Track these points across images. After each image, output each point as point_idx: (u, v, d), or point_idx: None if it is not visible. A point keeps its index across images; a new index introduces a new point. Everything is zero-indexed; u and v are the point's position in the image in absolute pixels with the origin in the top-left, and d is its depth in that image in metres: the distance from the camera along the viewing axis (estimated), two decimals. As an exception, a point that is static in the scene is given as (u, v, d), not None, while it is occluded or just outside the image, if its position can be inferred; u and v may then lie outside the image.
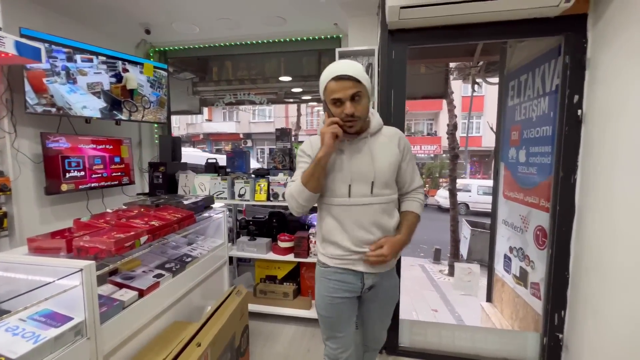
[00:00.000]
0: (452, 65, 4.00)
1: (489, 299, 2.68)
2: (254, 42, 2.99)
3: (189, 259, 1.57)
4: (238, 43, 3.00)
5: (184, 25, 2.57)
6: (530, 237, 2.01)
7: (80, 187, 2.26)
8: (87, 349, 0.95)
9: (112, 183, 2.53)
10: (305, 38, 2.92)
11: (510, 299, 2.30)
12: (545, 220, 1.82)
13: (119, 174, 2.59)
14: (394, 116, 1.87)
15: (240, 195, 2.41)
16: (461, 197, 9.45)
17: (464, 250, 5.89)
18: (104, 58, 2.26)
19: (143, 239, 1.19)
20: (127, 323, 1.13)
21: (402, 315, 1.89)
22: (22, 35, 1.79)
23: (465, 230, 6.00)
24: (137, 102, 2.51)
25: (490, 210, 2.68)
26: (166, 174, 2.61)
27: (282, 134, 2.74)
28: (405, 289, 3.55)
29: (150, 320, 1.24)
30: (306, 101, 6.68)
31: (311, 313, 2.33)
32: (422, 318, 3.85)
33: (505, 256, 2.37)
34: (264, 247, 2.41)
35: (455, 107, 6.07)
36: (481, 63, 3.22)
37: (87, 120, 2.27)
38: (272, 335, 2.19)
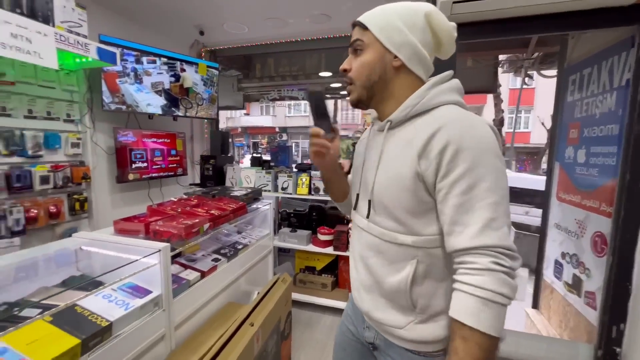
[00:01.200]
0: (502, 57, 3.78)
1: (535, 305, 2.56)
2: (297, 39, 3.07)
3: (241, 247, 1.71)
4: (282, 41, 3.10)
5: (234, 26, 2.71)
6: (587, 243, 1.88)
7: (143, 176, 2.51)
8: (163, 319, 1.10)
9: (169, 174, 2.78)
10: (345, 35, 2.93)
11: (560, 307, 2.18)
12: (605, 225, 1.69)
13: (175, 165, 2.84)
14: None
15: (283, 189, 2.53)
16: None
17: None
18: (165, 59, 2.47)
19: (206, 226, 1.32)
20: (192, 299, 1.27)
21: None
22: (100, 41, 2.02)
23: (511, 233, 5.68)
24: (192, 99, 2.72)
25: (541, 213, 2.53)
26: (216, 166, 2.81)
27: (324, 129, 2.80)
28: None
29: (210, 298, 1.38)
30: (344, 96, 6.68)
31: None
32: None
33: (557, 262, 2.24)
34: (304, 238, 2.51)
35: (502, 101, 5.71)
36: (536, 55, 3.01)
37: (150, 116, 2.50)
38: (311, 322, 2.30)
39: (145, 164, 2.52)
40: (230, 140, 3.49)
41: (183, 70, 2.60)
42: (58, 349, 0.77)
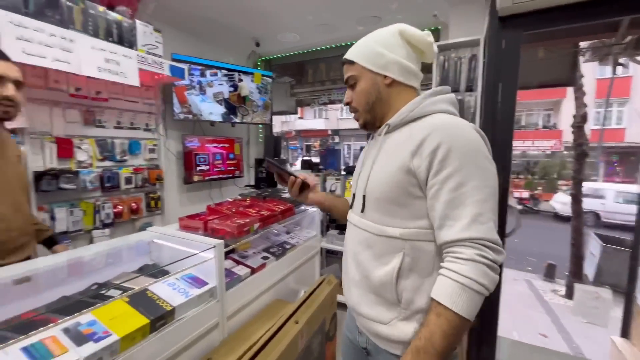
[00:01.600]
0: (583, 44, 3.29)
1: (624, 333, 2.17)
2: (348, 43, 3.09)
3: (289, 246, 1.78)
4: (332, 46, 3.15)
5: (286, 35, 2.85)
6: (696, 264, 1.54)
7: (205, 178, 2.78)
8: (217, 309, 1.21)
9: (228, 176, 3.03)
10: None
11: (659, 338, 1.81)
12: None
13: (233, 168, 3.08)
14: (501, 113, 1.70)
15: (331, 191, 2.56)
16: (589, 204, 7.66)
17: (590, 270, 4.82)
18: (225, 71, 2.71)
19: (256, 225, 1.41)
20: (242, 294, 1.37)
21: (501, 332, 1.72)
22: (173, 59, 2.30)
23: (594, 246, 4.89)
24: (248, 106, 2.93)
25: (634, 224, 2.14)
26: (269, 169, 2.97)
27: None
28: (505, 304, 3.16)
29: (258, 294, 1.47)
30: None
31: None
32: (525, 341, 3.36)
33: (654, 284, 1.88)
34: (351, 241, 2.51)
35: (584, 94, 4.95)
36: (629, 39, 2.56)
37: (212, 123, 2.76)
38: (357, 327, 2.28)
39: (207, 167, 2.79)
40: (284, 143, 3.65)
41: (240, 80, 2.82)
42: (132, 325, 0.91)
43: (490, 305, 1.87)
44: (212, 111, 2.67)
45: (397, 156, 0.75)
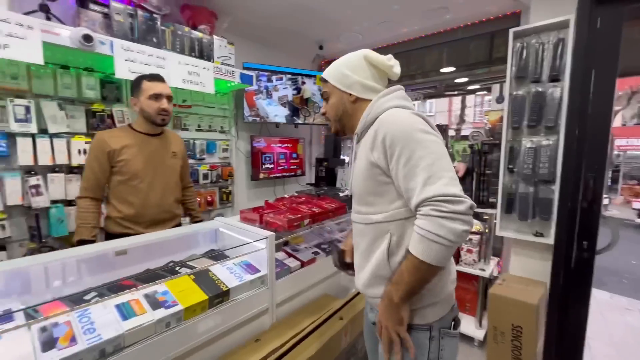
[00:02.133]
0: None
1: None
2: (413, 38, 2.96)
3: (340, 244, 1.81)
4: (396, 42, 3.06)
5: (349, 36, 2.88)
6: None
7: (270, 176, 3.00)
8: (266, 296, 1.31)
9: (290, 174, 3.21)
10: (471, 23, 2.63)
11: None
12: None
13: (295, 167, 3.25)
14: (592, 104, 1.44)
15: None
16: None
17: None
18: (289, 75, 2.88)
19: (306, 221, 1.49)
20: (292, 284, 1.46)
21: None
22: (243, 68, 2.55)
23: None
24: (310, 108, 3.05)
25: None
26: (328, 168, 3.05)
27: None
28: (611, 339, 2.62)
29: (307, 287, 1.54)
30: (472, 91, 5.93)
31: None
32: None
33: None
34: (409, 245, 2.41)
35: None
36: None
37: (277, 125, 2.97)
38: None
39: (272, 166, 3.01)
40: (344, 144, 3.69)
41: (303, 83, 2.96)
42: (195, 299, 1.06)
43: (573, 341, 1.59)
44: (277, 113, 2.88)
45: (363, 154, 0.90)
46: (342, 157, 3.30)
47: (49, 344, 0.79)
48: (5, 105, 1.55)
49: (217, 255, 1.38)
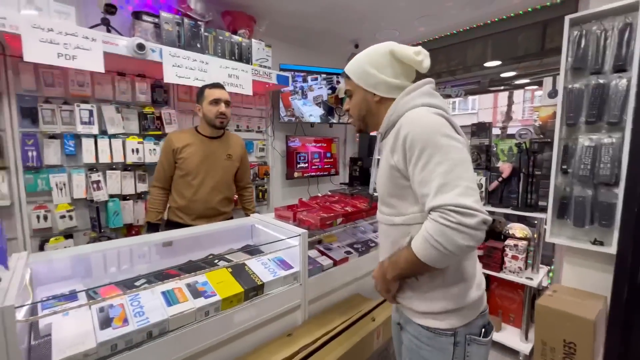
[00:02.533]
0: None
1: None
2: (454, 32, 2.83)
3: (373, 244, 1.78)
4: (436, 37, 2.94)
5: (386, 33, 2.83)
6: None
7: (304, 175, 3.05)
8: (299, 292, 1.34)
9: (324, 173, 3.23)
10: (521, 12, 2.44)
11: None
12: None
13: (329, 166, 3.26)
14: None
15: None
16: None
17: None
18: (324, 75, 2.90)
19: (339, 220, 1.49)
20: (324, 282, 1.46)
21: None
22: (280, 69, 2.61)
23: None
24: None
25: None
26: (362, 168, 3.02)
27: (479, 129, 2.46)
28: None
29: (339, 286, 1.54)
30: (520, 86, 5.49)
31: (502, 337, 2.02)
32: None
33: None
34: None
35: None
36: None
37: (312, 125, 3.00)
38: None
39: (306, 165, 3.05)
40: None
41: (338, 82, 2.96)
42: (232, 291, 1.11)
43: None
44: (312, 113, 2.91)
45: (385, 156, 0.88)
46: (377, 156, 3.25)
47: (105, 322, 0.88)
48: (73, 109, 1.75)
49: (252, 250, 1.44)
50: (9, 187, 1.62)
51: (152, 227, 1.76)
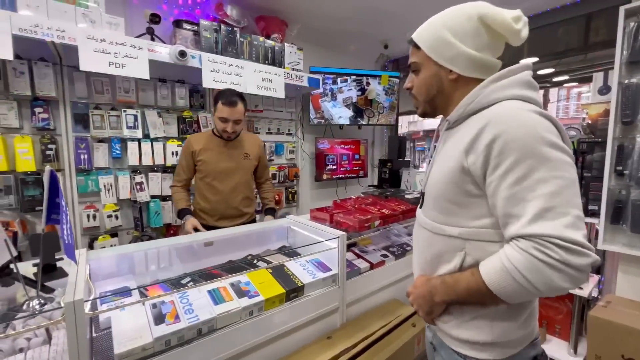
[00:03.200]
0: None
1: None
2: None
3: (409, 248, 1.74)
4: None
5: (416, 33, 2.77)
6: None
7: (333, 177, 3.04)
8: (337, 295, 1.32)
9: (352, 175, 3.20)
10: (560, 6, 2.31)
11: None
12: None
13: (357, 168, 3.23)
14: None
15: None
16: None
17: None
18: (354, 77, 2.88)
19: (376, 222, 1.46)
20: (361, 285, 1.44)
21: None
22: (310, 72, 2.63)
23: None
24: (374, 108, 3.01)
25: None
26: (392, 170, 2.97)
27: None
28: None
29: (376, 289, 1.51)
30: (559, 83, 5.20)
31: (547, 349, 1.89)
32: None
33: None
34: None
35: None
36: None
37: (341, 126, 2.99)
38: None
39: (335, 167, 3.04)
40: (410, 144, 3.56)
41: (368, 84, 2.93)
42: (273, 292, 1.12)
43: None
44: (341, 115, 2.90)
45: (453, 154, 0.69)
46: (407, 158, 3.18)
47: (159, 318, 0.92)
48: (120, 115, 1.85)
49: (290, 252, 1.44)
50: (64, 188, 1.74)
51: (185, 211, 1.69)
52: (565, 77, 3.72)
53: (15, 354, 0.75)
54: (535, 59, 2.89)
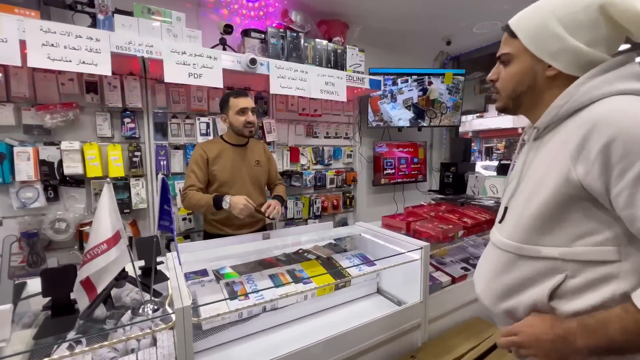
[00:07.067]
0: None
1: None
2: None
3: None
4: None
5: (485, 25, 2.56)
6: None
7: (391, 181, 2.92)
8: (420, 310, 1.23)
9: (410, 180, 3.05)
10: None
11: None
12: None
13: (416, 172, 3.07)
14: None
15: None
16: None
17: None
18: (415, 77, 2.75)
19: (460, 232, 1.34)
20: (443, 301, 1.33)
21: None
22: (370, 73, 2.56)
23: None
24: (436, 109, 2.84)
25: None
26: (456, 174, 2.76)
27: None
28: None
29: (458, 306, 1.38)
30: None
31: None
32: None
33: None
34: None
35: None
36: None
37: (400, 129, 2.87)
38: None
39: (393, 171, 2.92)
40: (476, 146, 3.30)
41: (430, 83, 2.78)
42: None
43: None
44: (401, 117, 2.78)
45: (553, 164, 0.59)
46: (472, 161, 2.94)
47: (232, 295, 1.03)
48: (194, 122, 1.95)
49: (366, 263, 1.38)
50: (146, 193, 1.87)
51: (218, 197, 1.49)
52: None
53: (128, 354, 0.78)
54: (627, 46, 2.50)
